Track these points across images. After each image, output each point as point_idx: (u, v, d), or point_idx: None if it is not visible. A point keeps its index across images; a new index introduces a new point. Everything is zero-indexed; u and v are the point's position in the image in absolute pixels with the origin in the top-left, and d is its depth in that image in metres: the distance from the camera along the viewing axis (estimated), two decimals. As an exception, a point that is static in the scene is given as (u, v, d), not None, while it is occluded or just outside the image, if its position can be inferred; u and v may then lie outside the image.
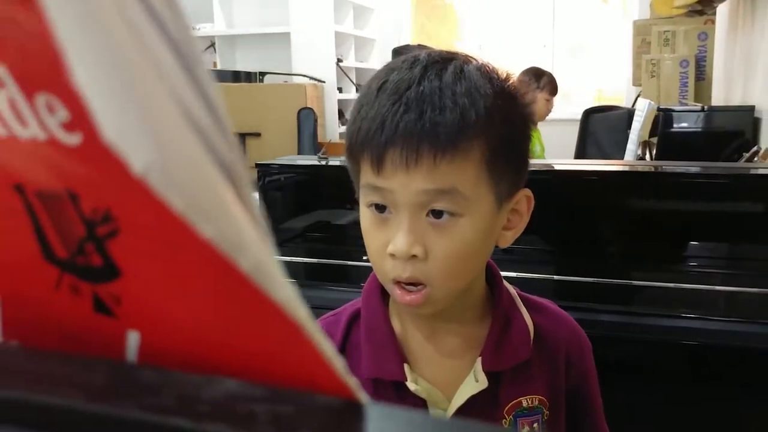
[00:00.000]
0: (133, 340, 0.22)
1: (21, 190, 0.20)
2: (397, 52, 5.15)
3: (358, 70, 5.51)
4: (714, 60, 3.57)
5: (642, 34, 4.07)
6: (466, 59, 0.71)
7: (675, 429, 1.46)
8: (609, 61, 5.61)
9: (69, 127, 0.17)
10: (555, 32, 5.74)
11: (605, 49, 5.67)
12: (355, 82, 5.18)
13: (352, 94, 5.35)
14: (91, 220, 0.19)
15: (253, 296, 0.18)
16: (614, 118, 3.79)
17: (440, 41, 5.92)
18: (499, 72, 0.71)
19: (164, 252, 0.19)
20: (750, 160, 2.18)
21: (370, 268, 0.74)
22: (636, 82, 4.17)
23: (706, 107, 2.81)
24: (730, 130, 2.58)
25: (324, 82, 4.94)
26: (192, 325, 0.21)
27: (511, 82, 0.72)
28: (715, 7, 3.21)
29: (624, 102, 4.77)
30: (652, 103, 2.96)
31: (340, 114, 5.25)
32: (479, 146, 0.66)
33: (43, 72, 0.17)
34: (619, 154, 3.30)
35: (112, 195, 0.18)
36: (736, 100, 2.97)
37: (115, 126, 0.15)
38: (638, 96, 3.83)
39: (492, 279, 0.80)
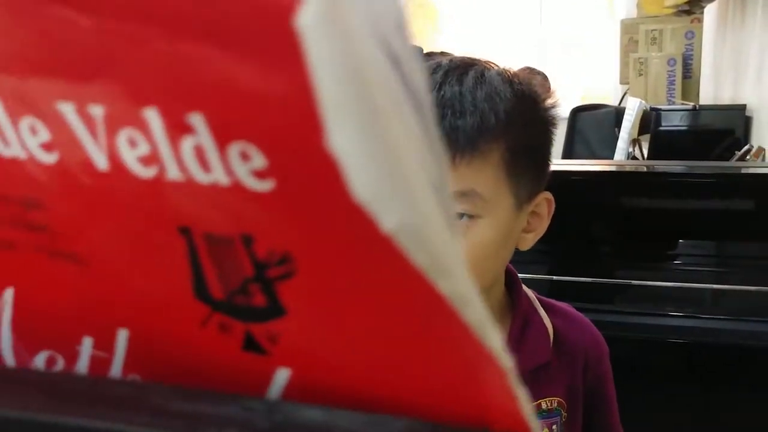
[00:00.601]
0: (281, 377, 0.22)
1: (187, 231, 0.20)
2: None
3: (343, 68, 5.49)
4: (702, 58, 3.61)
5: (629, 32, 4.10)
6: (487, 65, 0.71)
7: (667, 427, 1.48)
8: (595, 60, 5.63)
9: (261, 174, 0.17)
10: (543, 30, 5.75)
11: (591, 48, 5.69)
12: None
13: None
14: (264, 262, 0.19)
15: (470, 346, 0.18)
16: (602, 117, 3.81)
17: (425, 40, 5.91)
18: (521, 77, 0.72)
19: (360, 297, 0.19)
20: (742, 158, 2.21)
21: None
22: (623, 80, 4.20)
23: (697, 106, 2.84)
24: (721, 129, 2.60)
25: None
26: (364, 364, 0.20)
27: (532, 86, 0.72)
28: (703, 7, 3.24)
29: (611, 100, 4.79)
30: (642, 101, 2.99)
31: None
32: (498, 149, 0.67)
33: (249, 123, 0.16)
34: (607, 152, 3.32)
35: (296, 238, 0.18)
36: (725, 98, 3.00)
37: (371, 187, 0.15)
38: (625, 94, 3.86)
39: (511, 283, 0.80)
